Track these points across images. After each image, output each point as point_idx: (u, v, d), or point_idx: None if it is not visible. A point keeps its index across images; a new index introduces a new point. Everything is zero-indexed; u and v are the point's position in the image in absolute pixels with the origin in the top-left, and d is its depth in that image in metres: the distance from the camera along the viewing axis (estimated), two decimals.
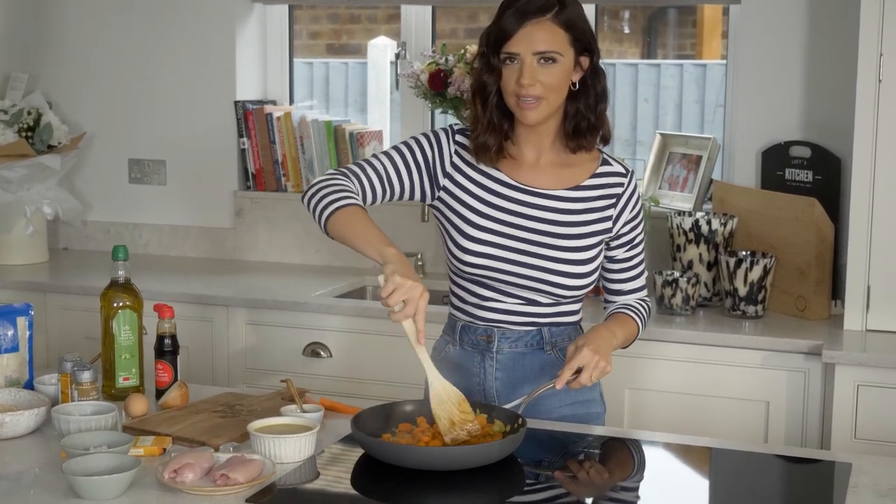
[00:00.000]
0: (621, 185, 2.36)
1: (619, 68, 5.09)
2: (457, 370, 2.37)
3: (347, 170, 2.30)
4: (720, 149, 3.76)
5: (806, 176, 3.48)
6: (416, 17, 4.11)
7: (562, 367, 2.21)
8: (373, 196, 2.31)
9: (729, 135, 3.77)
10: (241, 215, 4.17)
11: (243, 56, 4.17)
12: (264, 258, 4.16)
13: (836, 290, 3.34)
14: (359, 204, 2.22)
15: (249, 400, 2.44)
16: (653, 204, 3.64)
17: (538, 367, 2.35)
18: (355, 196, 2.23)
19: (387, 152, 2.34)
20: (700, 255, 3.42)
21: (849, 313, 3.16)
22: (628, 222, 2.36)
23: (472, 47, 3.64)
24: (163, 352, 2.48)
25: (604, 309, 2.45)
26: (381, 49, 4.29)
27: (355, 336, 3.45)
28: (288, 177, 4.09)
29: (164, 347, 2.48)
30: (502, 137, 2.31)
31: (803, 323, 3.26)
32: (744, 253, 3.35)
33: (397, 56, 4.10)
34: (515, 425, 2.12)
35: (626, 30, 5.21)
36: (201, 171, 4.21)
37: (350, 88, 5.11)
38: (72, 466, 1.93)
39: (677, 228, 3.44)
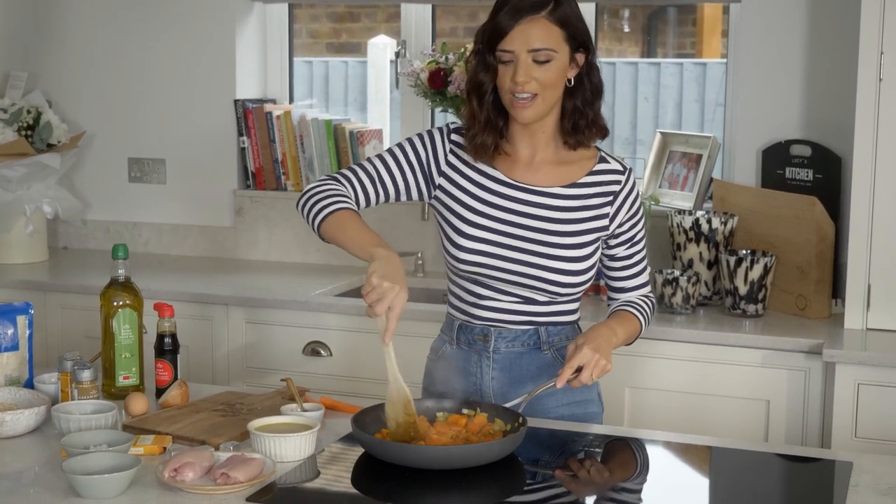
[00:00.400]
0: (618, 182, 2.35)
1: (619, 67, 5.09)
2: (454, 370, 2.37)
3: (340, 174, 2.32)
4: (720, 147, 3.76)
5: (806, 175, 3.48)
6: (416, 16, 4.11)
7: (562, 366, 2.21)
8: (366, 199, 2.33)
9: (729, 133, 3.77)
10: (241, 214, 4.17)
11: (243, 55, 4.17)
12: (264, 257, 4.15)
13: (837, 288, 3.33)
14: (351, 207, 2.24)
15: (250, 399, 2.44)
16: (653, 203, 3.64)
17: (535, 367, 2.34)
18: (348, 200, 2.25)
19: (380, 155, 2.36)
20: (700, 253, 3.42)
21: (849, 312, 3.15)
22: (627, 220, 2.36)
23: (472, 46, 3.63)
24: (163, 351, 2.48)
25: (607, 307, 2.45)
26: (381, 48, 4.29)
27: (355, 335, 3.45)
28: (288, 175, 4.09)
29: (164, 346, 2.48)
30: (498, 135, 2.31)
31: (804, 322, 3.26)
32: (744, 252, 3.35)
33: (397, 55, 4.10)
34: (516, 424, 2.12)
35: (626, 28, 5.21)
36: (201, 170, 4.21)
37: (350, 87, 5.12)
38: (72, 465, 1.92)
39: (677, 227, 3.44)
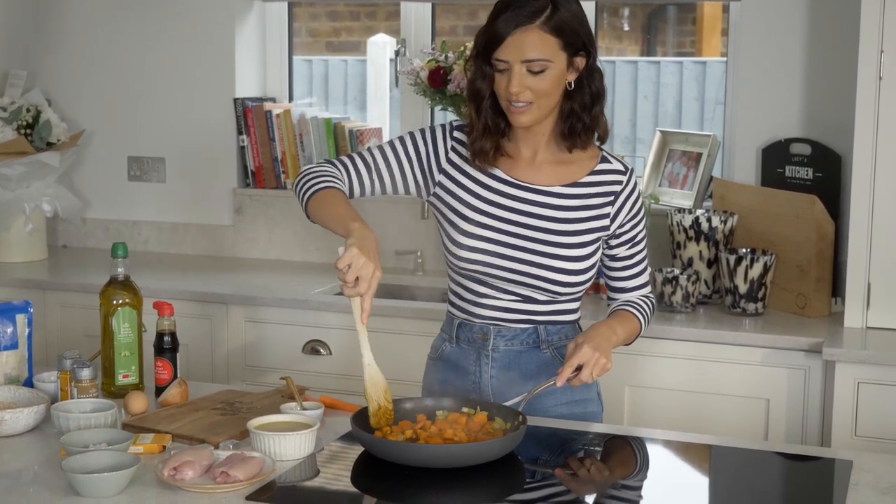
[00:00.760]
0: (620, 182, 2.34)
1: (618, 65, 5.09)
2: (453, 368, 2.37)
3: (338, 160, 2.34)
4: (720, 146, 3.76)
5: (806, 173, 3.48)
6: (416, 15, 4.10)
7: (561, 365, 2.21)
8: (360, 187, 2.33)
9: (729, 132, 3.77)
10: (241, 212, 4.16)
11: (243, 53, 4.17)
12: (264, 255, 4.15)
13: (837, 287, 3.33)
14: (338, 187, 2.25)
15: (249, 397, 2.44)
16: (653, 201, 3.63)
17: (534, 366, 2.34)
18: (338, 182, 2.27)
19: (381, 146, 2.36)
20: (700, 252, 3.42)
21: (849, 310, 3.15)
22: (628, 220, 2.35)
23: (472, 44, 3.63)
24: (162, 349, 2.48)
25: (607, 306, 2.44)
26: (381, 46, 4.28)
27: (355, 333, 3.42)
28: (287, 174, 4.09)
29: (163, 345, 2.48)
30: (499, 136, 2.30)
31: (803, 320, 3.26)
32: (744, 250, 3.35)
33: (397, 53, 4.09)
34: (516, 423, 2.12)
35: (626, 27, 5.21)
36: (200, 169, 4.21)
37: (349, 86, 5.11)
38: (71, 464, 1.92)
39: (677, 226, 3.44)
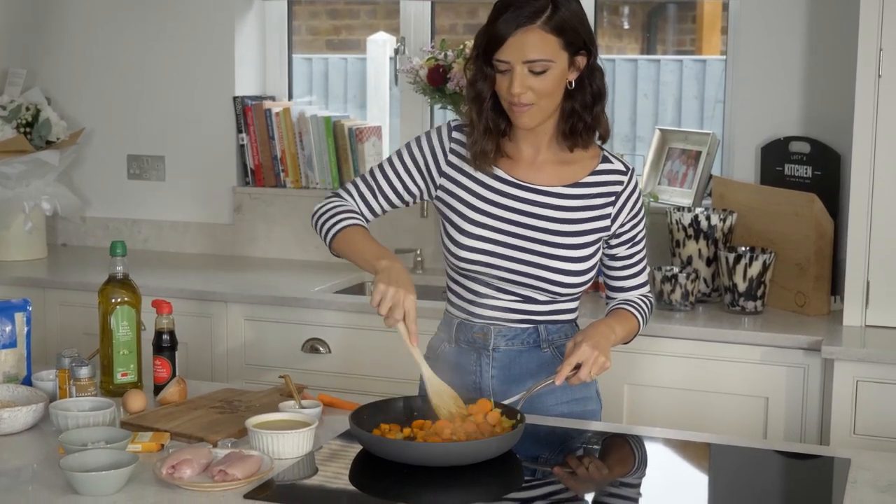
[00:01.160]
0: (621, 182, 2.34)
1: (618, 64, 5.08)
2: (453, 368, 2.36)
3: (343, 190, 2.40)
4: (719, 144, 3.76)
5: (805, 171, 3.48)
6: (416, 13, 4.10)
7: (561, 364, 2.21)
8: (370, 212, 2.39)
9: (728, 130, 3.77)
10: (240, 211, 4.16)
11: (242, 52, 4.17)
12: (263, 254, 4.15)
13: (836, 285, 3.33)
14: (357, 223, 2.32)
15: (248, 396, 2.44)
16: (652, 200, 3.63)
17: (535, 366, 2.34)
18: (356, 215, 2.33)
19: (381, 164, 2.39)
20: (699, 250, 3.42)
21: (848, 309, 3.15)
22: (629, 220, 2.35)
23: (471, 43, 3.63)
24: (161, 348, 2.48)
25: (606, 305, 2.44)
26: (381, 44, 4.28)
27: (354, 332, 3.45)
28: (287, 172, 4.09)
29: (162, 343, 2.48)
30: (499, 137, 2.30)
31: (802, 319, 3.26)
32: (743, 248, 3.34)
33: (396, 52, 4.09)
34: (514, 421, 2.12)
35: (626, 25, 5.21)
36: (200, 167, 4.21)
37: (349, 84, 5.11)
38: (69, 462, 1.92)
39: (676, 224, 3.44)
